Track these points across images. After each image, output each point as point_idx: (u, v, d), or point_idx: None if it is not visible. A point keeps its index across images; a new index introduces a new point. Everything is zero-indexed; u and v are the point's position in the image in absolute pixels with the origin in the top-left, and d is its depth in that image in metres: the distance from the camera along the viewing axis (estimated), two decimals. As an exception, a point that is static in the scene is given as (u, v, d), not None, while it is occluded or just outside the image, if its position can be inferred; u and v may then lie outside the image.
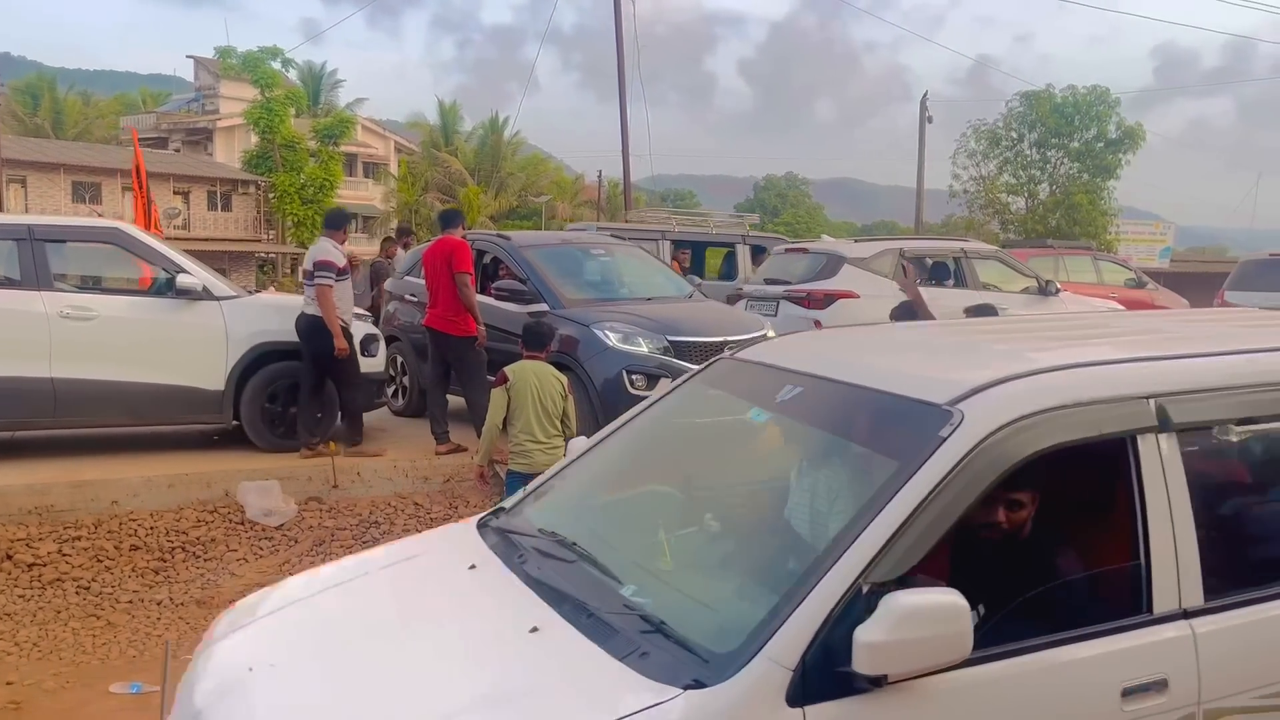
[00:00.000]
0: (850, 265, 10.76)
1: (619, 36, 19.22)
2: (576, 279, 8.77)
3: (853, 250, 11.14)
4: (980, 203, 37.12)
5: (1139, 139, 34.91)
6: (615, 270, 9.29)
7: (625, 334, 7.67)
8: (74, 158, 39.35)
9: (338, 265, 7.59)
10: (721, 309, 9.11)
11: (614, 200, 47.45)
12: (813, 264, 11.18)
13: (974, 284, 11.20)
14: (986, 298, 9.28)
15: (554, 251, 9.06)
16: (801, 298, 10.72)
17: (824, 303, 10.53)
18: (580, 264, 9.16)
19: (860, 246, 11.34)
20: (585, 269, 9.13)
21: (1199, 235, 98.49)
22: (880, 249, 11.17)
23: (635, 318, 7.85)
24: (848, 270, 10.71)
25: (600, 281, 9.04)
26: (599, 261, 9.30)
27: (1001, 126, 36.35)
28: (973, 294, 10.37)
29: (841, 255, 10.98)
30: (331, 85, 53.04)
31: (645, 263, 9.84)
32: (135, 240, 7.66)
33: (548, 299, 8.17)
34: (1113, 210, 36.07)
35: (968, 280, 11.23)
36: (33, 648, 5.53)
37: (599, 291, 8.77)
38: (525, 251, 8.77)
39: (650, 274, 9.50)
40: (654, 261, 10.21)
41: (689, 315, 8.22)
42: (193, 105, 54.89)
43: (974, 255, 11.62)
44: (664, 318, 7.97)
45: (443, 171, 47.05)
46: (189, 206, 41.62)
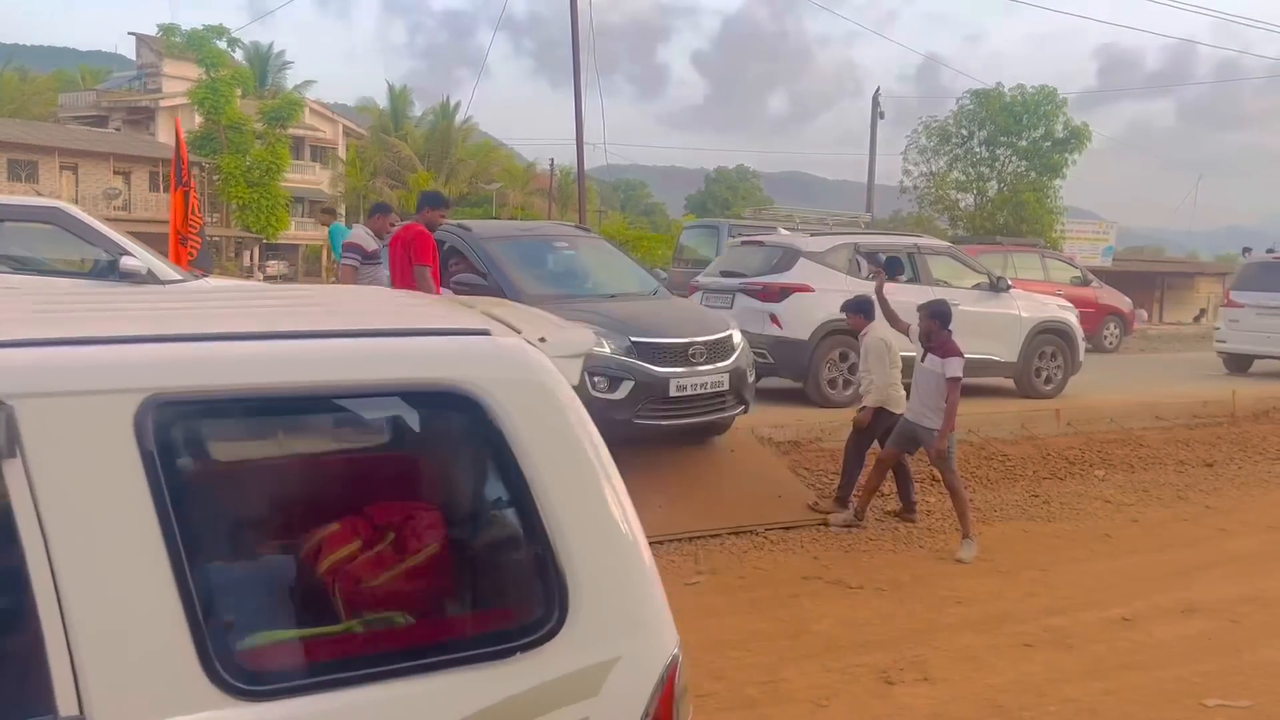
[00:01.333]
0: (805, 259, 10.76)
1: (574, 24, 19.08)
2: (539, 273, 8.59)
3: (808, 244, 11.14)
4: (930, 199, 37.56)
5: (1085, 139, 35.57)
6: (579, 264, 9.13)
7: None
8: (10, 135, 38.24)
9: (365, 249, 7.97)
10: (687, 307, 8.96)
11: (565, 189, 47.22)
12: (768, 256, 11.15)
13: (927, 280, 11.23)
14: (939, 294, 9.35)
15: (516, 244, 8.86)
16: (757, 291, 10.69)
17: (779, 295, 10.53)
18: (543, 257, 8.97)
19: (816, 240, 11.34)
20: (548, 263, 8.96)
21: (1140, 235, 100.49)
22: (836, 243, 11.20)
23: (598, 316, 7.63)
24: (803, 264, 10.71)
25: (563, 276, 8.87)
26: (562, 255, 9.12)
27: (952, 124, 36.79)
28: (925, 289, 10.45)
29: (797, 249, 10.97)
30: (279, 67, 52.22)
31: (610, 256, 9.68)
32: (76, 220, 7.42)
33: (509, 294, 7.84)
34: (1058, 209, 36.72)
35: (921, 276, 11.27)
36: None
37: (562, 286, 8.57)
38: (486, 244, 8.56)
39: (614, 268, 9.33)
40: (618, 254, 10.06)
41: (653, 314, 8.08)
42: (134, 84, 53.60)
43: (928, 251, 11.66)
44: (627, 317, 7.81)
45: (392, 157, 46.55)
46: (130, 187, 40.69)
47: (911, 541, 7.90)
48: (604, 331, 7.39)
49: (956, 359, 7.32)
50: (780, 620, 6.09)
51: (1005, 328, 11.49)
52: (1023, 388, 11.73)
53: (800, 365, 10.43)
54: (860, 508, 8.05)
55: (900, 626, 6.04)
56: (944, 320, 7.44)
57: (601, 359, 7.32)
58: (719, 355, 7.89)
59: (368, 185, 43.31)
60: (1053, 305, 12.29)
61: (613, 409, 7.22)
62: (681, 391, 7.59)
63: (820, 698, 4.98)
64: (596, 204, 59.08)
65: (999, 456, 9.89)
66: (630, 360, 7.42)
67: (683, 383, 7.60)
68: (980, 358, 10.64)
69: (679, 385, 7.57)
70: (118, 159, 40.46)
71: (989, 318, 11.29)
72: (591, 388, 7.21)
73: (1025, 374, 11.69)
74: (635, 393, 7.38)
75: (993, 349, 11.22)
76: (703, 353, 7.76)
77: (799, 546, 7.57)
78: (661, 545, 7.23)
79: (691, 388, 7.66)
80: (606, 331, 7.41)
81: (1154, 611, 6.38)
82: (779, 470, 8.72)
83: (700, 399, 7.76)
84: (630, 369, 7.37)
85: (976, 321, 10.86)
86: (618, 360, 7.39)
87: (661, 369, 7.53)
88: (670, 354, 7.60)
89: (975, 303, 11.27)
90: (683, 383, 7.60)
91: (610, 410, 7.18)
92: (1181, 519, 8.94)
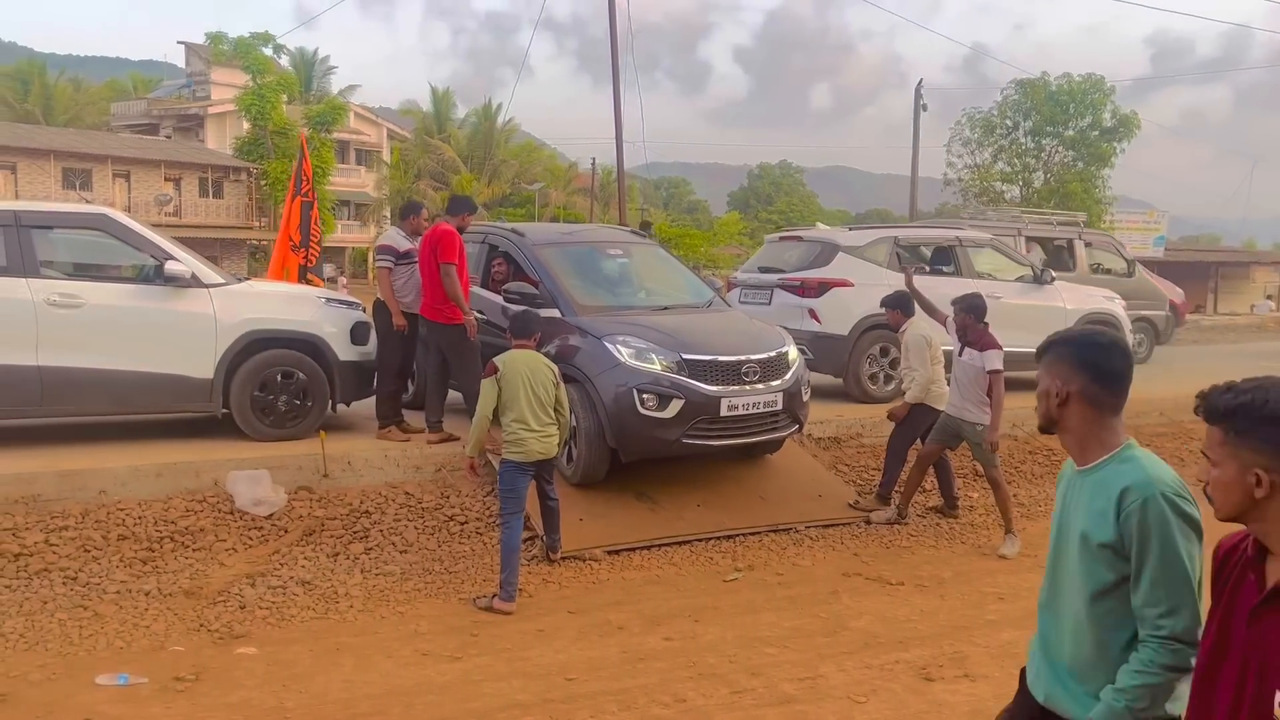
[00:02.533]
0: (844, 253, 10.66)
1: (613, 23, 19.09)
2: (591, 283, 8.38)
3: (847, 238, 11.06)
4: (975, 191, 37.10)
5: (1134, 127, 34.93)
6: (632, 273, 8.93)
7: (639, 349, 7.21)
8: (64, 144, 39.05)
9: (398, 250, 7.99)
10: (741, 321, 8.49)
11: (607, 188, 47.27)
12: (807, 252, 11.07)
13: (969, 273, 11.13)
14: (976, 287, 9.22)
15: (569, 252, 8.61)
16: (796, 286, 10.63)
17: (818, 291, 10.46)
18: (596, 265, 8.76)
19: (854, 235, 11.27)
20: (601, 271, 8.75)
21: (1193, 224, 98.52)
22: (874, 237, 11.10)
23: (649, 331, 7.39)
24: (842, 258, 10.63)
25: (616, 286, 8.67)
26: (616, 263, 8.93)
27: (996, 115, 36.33)
28: (968, 283, 10.33)
29: (835, 243, 10.87)
30: (324, 72, 52.79)
31: (664, 264, 9.48)
32: (121, 226, 7.56)
33: (560, 305, 7.78)
34: (1107, 199, 36.10)
35: (963, 269, 11.17)
36: (19, 639, 5.46)
37: (614, 297, 8.37)
38: (539, 251, 8.36)
39: (668, 277, 9.16)
40: (673, 262, 9.79)
41: (706, 329, 7.77)
42: (184, 91, 54.54)
43: (970, 244, 11.56)
44: (679, 331, 7.50)
45: (435, 159, 46.90)
46: (180, 193, 41.37)
47: (953, 537, 7.83)
48: (654, 347, 7.24)
49: (995, 351, 7.24)
50: (819, 617, 6.07)
51: (1049, 320, 11.16)
52: None
53: (840, 361, 10.36)
54: (902, 504, 7.98)
55: (941, 623, 5.99)
56: (979, 314, 7.36)
57: (651, 376, 7.12)
58: (773, 373, 7.59)
59: (412, 188, 43.64)
60: (1098, 296, 12.09)
61: (661, 428, 7.08)
62: (733, 411, 7.28)
63: (858, 694, 4.96)
64: (639, 202, 59.16)
65: (1043, 451, 9.76)
66: (681, 378, 7.16)
67: (735, 402, 7.29)
68: (1025, 350, 10.42)
69: (730, 405, 7.27)
70: (168, 166, 41.14)
71: (1033, 310, 11.14)
72: (640, 405, 7.02)
73: None
74: (685, 412, 7.11)
75: (1038, 341, 10.92)
76: (756, 371, 7.45)
77: (839, 543, 7.52)
78: (700, 543, 7.24)
79: (744, 407, 7.34)
80: (657, 347, 7.24)
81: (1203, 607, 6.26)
82: (819, 469, 8.67)
83: (752, 419, 7.43)
84: (681, 387, 7.12)
85: (1020, 314, 10.78)
86: (668, 378, 7.14)
87: (713, 388, 7.22)
88: (722, 372, 7.32)
89: (1018, 295, 11.16)
90: (735, 402, 7.29)
91: (658, 429, 7.08)
92: (1233, 513, 8.76)
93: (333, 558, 6.68)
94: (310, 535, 6.84)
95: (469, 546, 7.00)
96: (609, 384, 7.13)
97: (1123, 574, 2.33)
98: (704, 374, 7.22)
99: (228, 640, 5.59)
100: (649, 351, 7.21)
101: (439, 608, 6.15)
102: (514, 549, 6.16)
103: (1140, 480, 2.33)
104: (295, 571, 6.44)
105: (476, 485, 7.40)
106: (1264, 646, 1.89)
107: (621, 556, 7.01)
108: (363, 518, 7.06)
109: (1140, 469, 2.36)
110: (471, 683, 5.08)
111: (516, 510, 6.21)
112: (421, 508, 7.26)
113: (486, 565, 6.68)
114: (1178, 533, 2.27)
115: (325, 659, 5.35)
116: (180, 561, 6.40)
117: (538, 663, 5.34)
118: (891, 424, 8.13)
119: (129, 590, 6.05)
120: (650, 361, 7.17)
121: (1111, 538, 2.33)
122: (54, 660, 5.28)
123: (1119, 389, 2.45)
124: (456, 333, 7.67)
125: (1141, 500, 2.29)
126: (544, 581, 6.56)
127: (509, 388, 6.11)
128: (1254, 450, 1.89)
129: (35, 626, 5.60)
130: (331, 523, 6.96)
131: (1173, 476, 2.36)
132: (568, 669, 5.25)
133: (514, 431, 6.13)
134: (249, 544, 6.66)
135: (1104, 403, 2.44)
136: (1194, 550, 2.29)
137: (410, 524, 7.09)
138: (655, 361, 7.17)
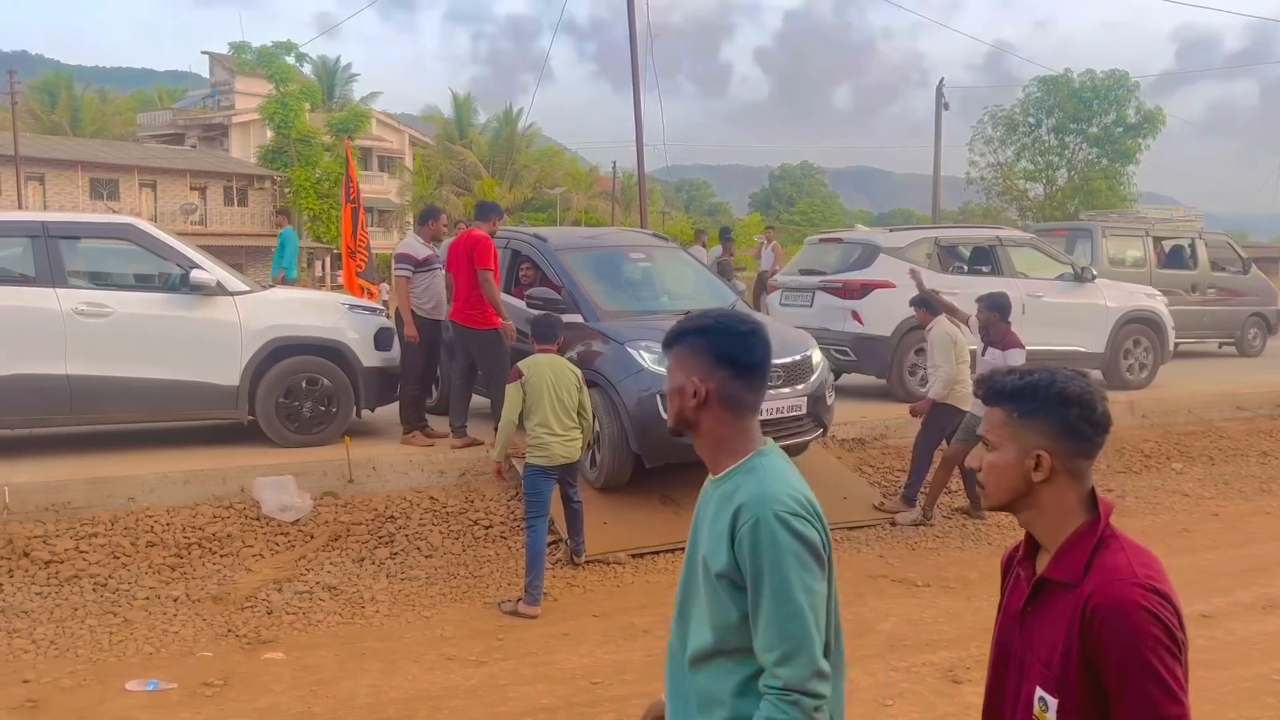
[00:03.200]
0: (886, 255, 10.68)
1: (632, 26, 19.10)
2: (613, 287, 8.36)
3: (888, 240, 11.07)
4: (998, 189, 36.86)
5: (1158, 123, 34.59)
6: (654, 277, 8.91)
7: (661, 355, 7.25)
8: (91, 155, 39.52)
9: (416, 258, 7.98)
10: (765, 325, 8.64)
11: (628, 191, 47.31)
12: (847, 254, 11.13)
13: (1010, 272, 11.13)
14: (1017, 286, 9.20)
15: (591, 257, 8.61)
16: (838, 288, 10.70)
17: (860, 293, 10.50)
18: (618, 270, 8.76)
19: (895, 236, 11.28)
20: (623, 275, 8.74)
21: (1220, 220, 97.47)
22: (915, 238, 11.13)
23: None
24: (883, 260, 10.63)
25: (638, 290, 8.66)
26: (638, 267, 8.92)
27: (1019, 112, 36.08)
28: (1008, 282, 10.36)
29: (877, 245, 10.90)
30: (346, 79, 53.09)
31: (686, 267, 9.44)
32: (147, 236, 7.63)
33: (584, 310, 7.80)
34: (1132, 195, 35.76)
35: (1003, 268, 11.19)
36: (50, 645, 5.53)
37: (637, 302, 8.34)
38: (561, 256, 8.36)
39: (690, 282, 9.11)
40: (695, 265, 9.72)
41: None
42: (208, 101, 55.00)
43: (1009, 243, 11.58)
44: None
45: (457, 164, 47.08)
46: (205, 202, 41.76)
47: (980, 538, 7.77)
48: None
49: (1017, 350, 7.19)
50: (845, 619, 5.97)
51: (1091, 318, 11.35)
52: (1111, 379, 11.40)
53: (883, 361, 10.42)
54: (928, 506, 7.94)
55: (967, 625, 5.94)
56: (1003, 312, 7.32)
57: None
58: (797, 377, 7.56)
59: (434, 193, 43.82)
60: (1140, 294, 12.05)
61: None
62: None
63: (885, 697, 4.93)
64: (660, 205, 59.15)
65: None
66: None
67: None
68: (1066, 349, 10.72)
69: None
70: (194, 175, 41.55)
71: (1074, 308, 11.20)
72: (663, 411, 7.03)
73: (1114, 365, 11.46)
74: None
75: (1079, 340, 11.13)
76: (780, 375, 7.38)
77: (864, 545, 7.49)
78: (725, 545, 7.22)
79: (767, 411, 7.21)
80: None
81: (1234, 608, 6.19)
82: (843, 470, 8.64)
83: (776, 423, 7.37)
84: None
85: (1061, 312, 10.93)
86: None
87: None
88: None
89: (1059, 294, 11.19)
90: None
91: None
92: (1264, 512, 8.67)
93: (358, 563, 6.71)
94: (336, 540, 6.88)
95: (494, 550, 7.02)
96: (632, 389, 7.14)
97: (744, 610, 1.91)
98: None
99: (255, 645, 5.63)
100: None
101: (464, 612, 6.17)
102: (539, 552, 6.17)
103: (754, 497, 1.91)
104: (321, 577, 6.48)
105: (501, 489, 7.42)
106: (1028, 645, 1.84)
107: (646, 559, 7.01)
108: (388, 523, 7.09)
109: (758, 482, 1.94)
110: (497, 687, 5.09)
111: (540, 514, 6.23)
112: (446, 512, 7.28)
113: (511, 569, 6.70)
114: (792, 560, 1.86)
115: (351, 664, 5.38)
116: (208, 567, 6.45)
117: (562, 666, 5.34)
118: (917, 426, 8.10)
119: (158, 596, 6.11)
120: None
121: (727, 565, 1.91)
122: (84, 666, 5.33)
123: (759, 385, 2.07)
124: (490, 337, 7.68)
125: (753, 521, 1.87)
126: (568, 585, 6.56)
127: (533, 392, 6.13)
128: (1039, 432, 1.81)
129: (66, 633, 5.66)
130: (357, 528, 7.00)
131: (794, 491, 1.94)
132: (593, 673, 5.25)
133: (537, 435, 6.15)
134: (276, 550, 6.70)
135: (743, 401, 2.04)
136: (813, 582, 1.89)
137: (435, 528, 7.12)
138: None
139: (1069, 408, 1.81)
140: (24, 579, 6.09)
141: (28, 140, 36.64)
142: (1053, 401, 1.81)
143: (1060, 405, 1.81)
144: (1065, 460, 1.82)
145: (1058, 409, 1.81)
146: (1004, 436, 1.86)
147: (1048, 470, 1.81)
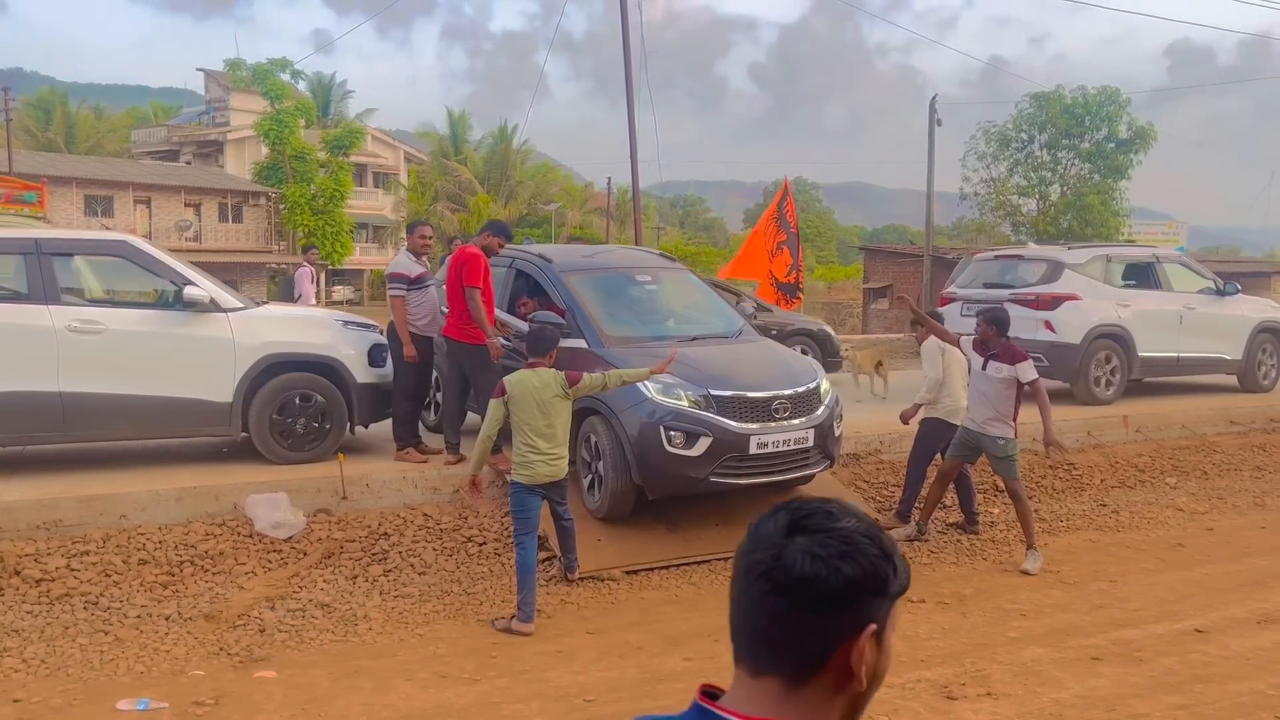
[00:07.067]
0: (1069, 270, 11.55)
1: (626, 43, 19.17)
2: (619, 311, 8.20)
3: (1070, 257, 11.88)
4: (991, 205, 36.98)
5: (1150, 139, 34.74)
6: (661, 301, 8.80)
7: (665, 384, 6.96)
8: (86, 171, 39.53)
9: (409, 276, 7.97)
10: (771, 353, 8.19)
11: (623, 207, 47.39)
12: (1032, 269, 11.99)
13: (1167, 286, 12.16)
14: (1172, 300, 11.47)
15: (597, 279, 8.42)
16: (1031, 300, 11.41)
17: (1053, 304, 11.34)
18: (625, 293, 8.56)
19: (1075, 253, 12.06)
20: (629, 299, 8.56)
21: (1212, 235, 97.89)
22: (1091, 255, 11.99)
23: (676, 364, 6.86)
24: (1069, 274, 11.51)
25: (645, 315, 8.49)
26: (645, 290, 8.76)
27: (1011, 128, 36.22)
28: (1165, 295, 11.92)
29: (1061, 261, 11.72)
30: (341, 96, 53.30)
31: (693, 290, 9.26)
32: (141, 252, 7.63)
33: (587, 335, 7.68)
34: (1124, 211, 35.91)
35: (1160, 283, 12.14)
36: (40, 664, 5.49)
37: (643, 327, 8.15)
38: (567, 278, 8.19)
39: (697, 306, 8.94)
40: (702, 288, 9.47)
41: (736, 362, 7.57)
42: (203, 118, 55.13)
43: (1165, 260, 12.64)
44: (707, 365, 7.31)
45: (452, 180, 47.18)
46: (200, 218, 41.77)
47: (974, 554, 7.77)
48: (681, 382, 7.04)
49: (1026, 363, 7.19)
50: (839, 636, 6.01)
51: (1232, 328, 12.44)
52: (1246, 383, 12.60)
53: (1072, 367, 11.22)
54: (922, 521, 7.94)
55: (963, 640, 5.93)
56: (1002, 327, 7.32)
57: (678, 412, 6.94)
58: (804, 409, 7.37)
59: (429, 210, 43.90)
60: (1267, 306, 13.09)
61: (688, 466, 6.93)
62: (763, 449, 7.08)
63: (880, 713, 4.91)
64: (655, 220, 59.25)
65: (1065, 465, 9.68)
66: (709, 414, 6.97)
67: (764, 440, 7.07)
68: (1210, 356, 12.14)
69: (760, 443, 7.05)
70: (188, 191, 41.56)
71: (1218, 320, 12.25)
72: (667, 443, 6.87)
73: (1249, 370, 12.57)
74: (713, 449, 6.92)
75: (1221, 348, 12.28)
76: (787, 407, 7.25)
77: (859, 560, 7.46)
78: (719, 563, 7.21)
79: (774, 445, 7.13)
80: (684, 382, 7.05)
81: (1229, 623, 6.18)
82: (838, 486, 8.63)
83: (782, 456, 7.23)
84: (708, 424, 6.93)
85: (1207, 323, 12.10)
86: (695, 414, 6.95)
87: (741, 425, 7.03)
88: (752, 408, 7.13)
89: (1205, 305, 12.19)
90: (764, 440, 7.07)
91: (685, 467, 6.93)
92: (1259, 526, 8.67)
93: (352, 580, 6.69)
94: (329, 558, 6.85)
95: (487, 567, 6.99)
96: (634, 419, 6.99)
97: None
98: (733, 410, 7.05)
99: (247, 664, 5.60)
100: (676, 387, 7.02)
101: (457, 629, 6.14)
102: (529, 569, 6.14)
103: None
104: (314, 594, 6.45)
105: (494, 505, 7.40)
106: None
107: (640, 576, 6.99)
108: (381, 540, 7.07)
109: None
110: (490, 705, 5.06)
111: (529, 530, 6.19)
112: (440, 529, 7.26)
113: (505, 586, 6.67)
114: None
115: (344, 682, 5.35)
116: (200, 585, 6.42)
117: (556, 684, 5.32)
118: (910, 441, 8.11)
119: (149, 614, 6.07)
120: (677, 397, 7.00)
121: None
122: (75, 685, 5.30)
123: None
124: (481, 353, 7.67)
125: None
126: (562, 602, 6.54)
127: (518, 409, 6.08)
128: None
129: (57, 651, 5.63)
130: (350, 545, 6.98)
131: None
132: (587, 690, 5.23)
133: (522, 454, 6.11)
134: (268, 567, 6.68)
135: None
136: None
137: (428, 545, 7.10)
138: (682, 397, 7.01)
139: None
140: (15, 597, 6.06)
141: (22, 157, 36.65)
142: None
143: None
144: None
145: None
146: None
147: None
